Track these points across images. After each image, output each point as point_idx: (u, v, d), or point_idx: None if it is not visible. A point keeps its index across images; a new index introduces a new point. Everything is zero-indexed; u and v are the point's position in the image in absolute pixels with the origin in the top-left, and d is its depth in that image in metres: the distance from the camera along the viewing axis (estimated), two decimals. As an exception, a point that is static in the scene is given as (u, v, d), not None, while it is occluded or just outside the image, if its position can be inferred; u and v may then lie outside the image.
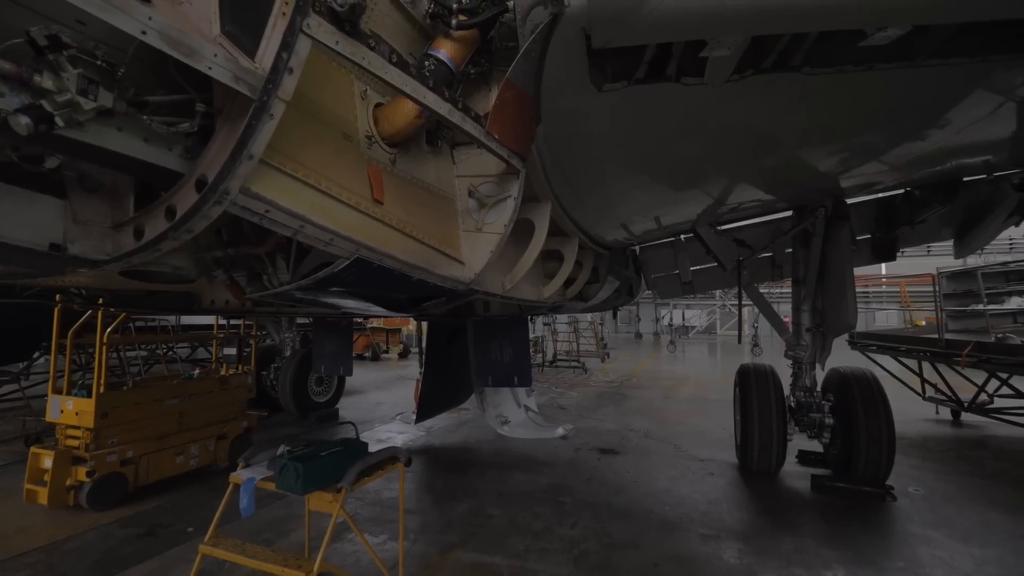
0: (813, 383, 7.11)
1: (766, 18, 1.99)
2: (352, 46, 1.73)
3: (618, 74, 2.78)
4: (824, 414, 6.70)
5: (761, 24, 2.04)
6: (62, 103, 1.29)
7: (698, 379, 16.31)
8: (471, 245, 3.17)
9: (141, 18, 1.24)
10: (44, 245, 1.66)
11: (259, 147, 1.59)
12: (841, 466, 6.73)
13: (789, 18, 2.01)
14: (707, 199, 5.29)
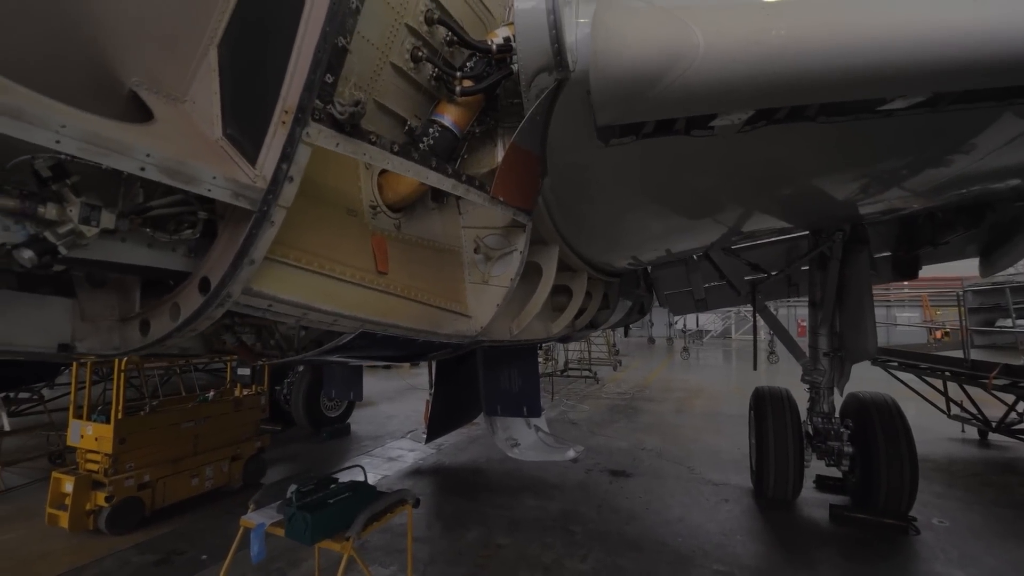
0: (831, 409, 6.96)
1: (776, 96, 1.92)
2: (353, 145, 1.72)
3: (626, 130, 2.74)
4: (843, 442, 6.55)
5: (771, 101, 1.98)
6: (64, 233, 1.30)
7: (712, 391, 16.10)
8: (477, 298, 3.15)
9: (140, 157, 1.25)
10: (53, 347, 1.69)
11: (260, 253, 1.58)
12: (861, 494, 6.57)
13: (800, 94, 1.94)
14: (720, 228, 5.20)
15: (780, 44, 1.73)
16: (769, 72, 1.77)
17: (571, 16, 2.36)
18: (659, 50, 1.76)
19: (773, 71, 1.76)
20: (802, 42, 1.72)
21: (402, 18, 2.31)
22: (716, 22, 1.78)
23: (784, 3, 1.82)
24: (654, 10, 1.81)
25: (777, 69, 1.76)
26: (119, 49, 1.60)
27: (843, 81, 1.79)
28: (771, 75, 1.78)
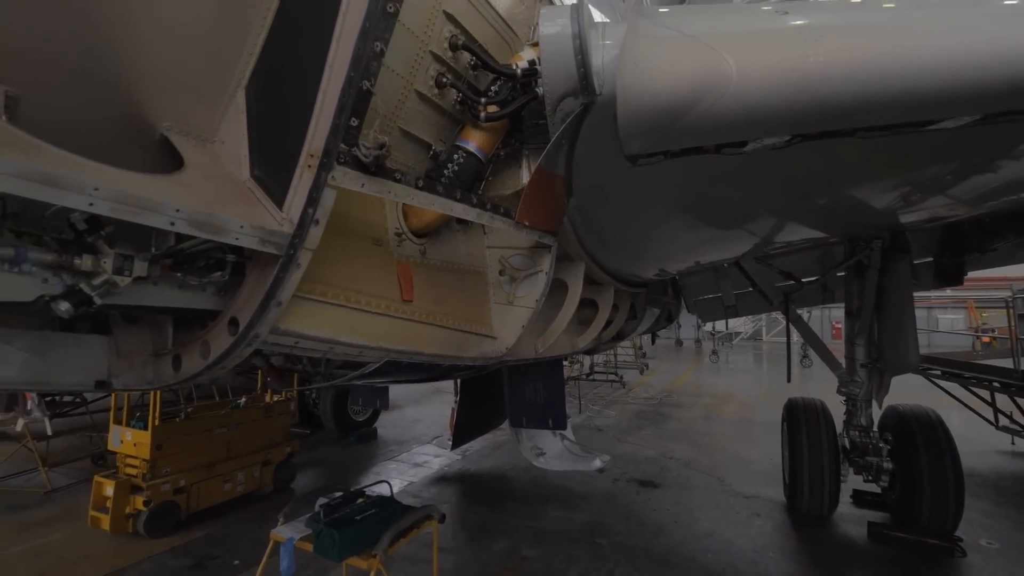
0: (869, 422, 6.69)
1: (816, 123, 1.83)
2: (378, 184, 1.71)
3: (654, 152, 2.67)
4: (882, 457, 6.28)
5: (809, 128, 1.89)
6: (99, 284, 1.33)
7: (742, 396, 15.71)
8: (502, 318, 3.12)
9: (169, 213, 1.27)
10: (91, 384, 1.74)
11: (287, 294, 1.59)
12: (902, 511, 6.29)
13: (843, 120, 1.84)
14: (751, 239, 5.05)
15: (819, 71, 1.65)
16: (808, 100, 1.68)
17: (597, 38, 2.31)
18: (689, 81, 1.70)
19: (812, 99, 1.68)
20: (844, 69, 1.64)
21: (427, 46, 2.30)
22: (749, 49, 1.71)
23: (821, 27, 1.73)
24: (683, 39, 1.75)
25: (817, 97, 1.68)
26: (151, 97, 1.64)
27: (891, 107, 1.70)
28: (810, 103, 1.69)
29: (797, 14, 1.78)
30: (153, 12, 1.58)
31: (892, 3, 2.04)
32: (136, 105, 1.63)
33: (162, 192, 1.30)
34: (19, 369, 1.50)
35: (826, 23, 1.75)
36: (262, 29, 1.79)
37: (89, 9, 1.47)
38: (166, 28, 1.63)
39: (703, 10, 2.02)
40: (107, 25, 1.52)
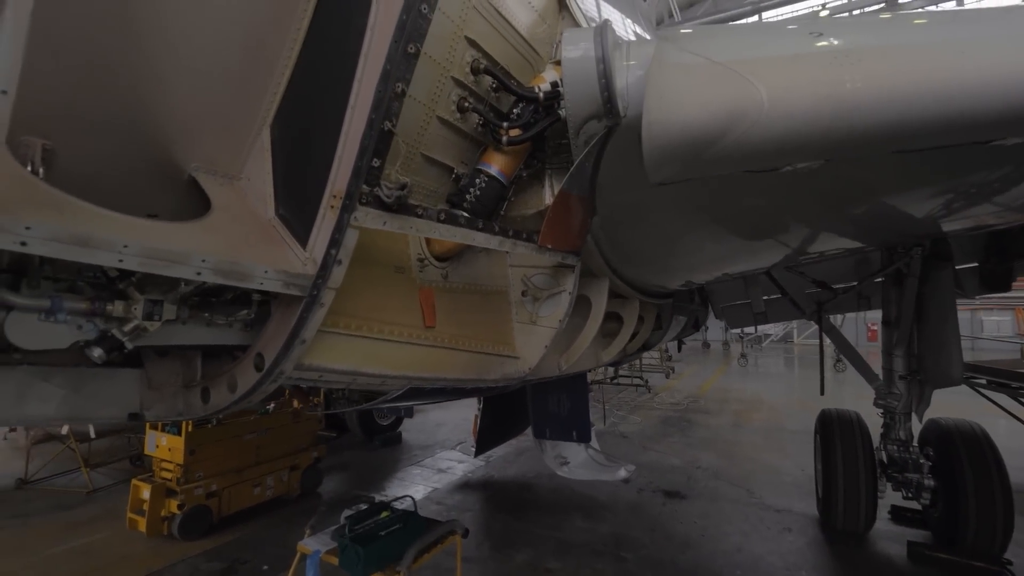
0: (908, 436, 6.41)
1: (854, 148, 1.75)
2: (400, 221, 1.71)
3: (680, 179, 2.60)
4: (923, 474, 6.00)
5: (848, 153, 1.80)
6: (130, 330, 1.36)
7: (772, 403, 15.28)
8: (525, 338, 3.10)
9: (195, 264, 1.30)
10: (124, 416, 1.79)
11: (311, 333, 1.61)
12: (945, 531, 6.00)
13: (883, 145, 1.75)
14: (783, 250, 4.89)
15: (858, 97, 1.57)
16: (846, 127, 1.60)
17: (621, 59, 2.26)
18: (717, 111, 1.64)
19: (851, 125, 1.60)
20: (887, 93, 1.55)
21: (448, 72, 2.29)
22: (780, 76, 1.64)
23: (858, 50, 1.64)
24: (710, 66, 1.69)
25: (857, 123, 1.59)
26: (179, 141, 1.68)
27: (942, 130, 1.60)
28: (849, 129, 1.61)
29: (832, 36, 1.70)
30: (181, 62, 1.62)
31: (926, 19, 1.93)
32: (165, 149, 1.67)
33: (188, 241, 1.32)
34: (57, 405, 1.56)
35: (864, 45, 1.66)
36: (286, 68, 1.81)
37: (120, 63, 1.51)
38: (193, 75, 1.67)
39: (731, 32, 1.95)
40: (137, 77, 1.56)
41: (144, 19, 1.51)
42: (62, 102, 1.43)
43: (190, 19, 1.59)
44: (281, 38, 1.80)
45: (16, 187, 1.15)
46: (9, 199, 1.10)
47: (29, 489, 7.89)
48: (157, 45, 1.56)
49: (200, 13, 1.60)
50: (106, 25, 1.44)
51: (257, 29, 1.75)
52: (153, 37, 1.55)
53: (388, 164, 1.64)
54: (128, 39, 1.50)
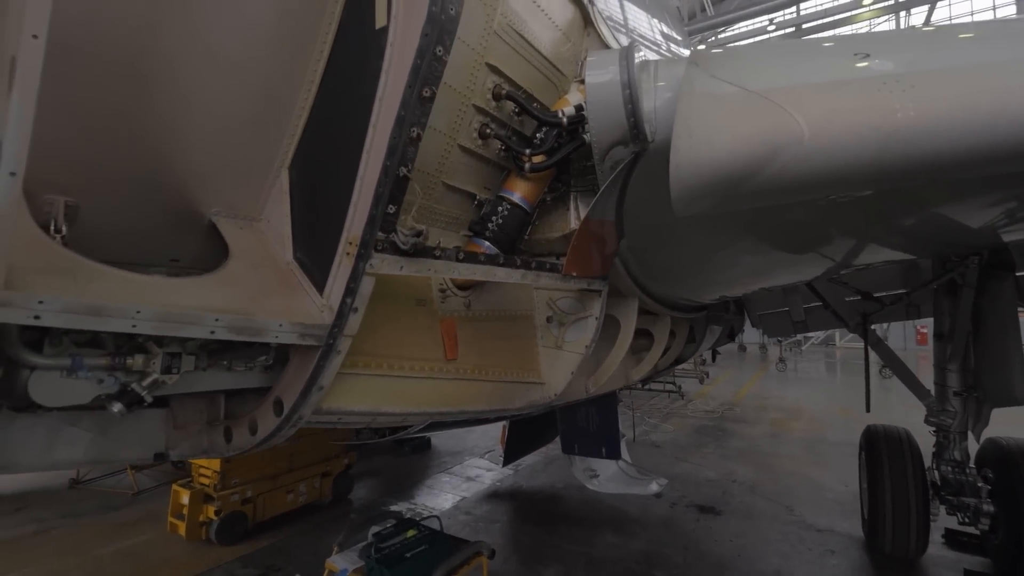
0: (964, 456, 6.00)
1: (907, 178, 1.59)
2: (417, 264, 1.67)
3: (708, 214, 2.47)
4: (981, 498, 5.60)
5: (899, 183, 1.65)
6: (148, 384, 1.37)
7: (813, 411, 14.65)
8: (550, 363, 3.02)
9: (209, 323, 1.29)
10: (150, 456, 1.82)
11: (328, 379, 1.59)
12: (1007, 559, 5.58)
13: (943, 173, 1.59)
14: (826, 263, 4.64)
15: (911, 127, 1.43)
16: (897, 159, 1.46)
17: (649, 81, 2.16)
18: (751, 148, 1.52)
19: (902, 158, 1.46)
20: (945, 122, 1.40)
21: (469, 100, 2.25)
22: (821, 105, 1.51)
23: (911, 75, 1.49)
24: (745, 96, 1.57)
25: (909, 155, 1.45)
26: (200, 189, 1.69)
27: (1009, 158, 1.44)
28: (900, 162, 1.47)
29: (881, 58, 1.56)
30: (198, 113, 1.63)
31: (973, 33, 1.75)
32: (186, 197, 1.69)
33: (203, 298, 1.32)
34: (85, 449, 1.59)
35: (917, 69, 1.51)
36: (303, 111, 1.80)
37: (138, 119, 1.53)
38: (211, 124, 1.68)
39: (766, 54, 1.82)
40: (155, 130, 1.58)
41: (160, 75, 1.52)
42: (83, 160, 1.46)
43: (206, 70, 1.60)
44: (298, 79, 1.79)
45: (33, 253, 1.17)
46: (26, 267, 1.12)
47: (81, 489, 8.29)
48: (174, 99, 1.58)
49: (215, 63, 1.61)
50: (122, 84, 1.47)
51: (274, 72, 1.74)
52: (169, 91, 1.56)
53: (404, 211, 1.60)
54: (145, 95, 1.52)
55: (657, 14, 6.62)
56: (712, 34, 32.31)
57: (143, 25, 1.45)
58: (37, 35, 0.86)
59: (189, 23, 1.52)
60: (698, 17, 29.78)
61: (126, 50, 1.45)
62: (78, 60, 1.35)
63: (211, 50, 1.59)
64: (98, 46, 1.38)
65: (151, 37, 1.47)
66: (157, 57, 1.51)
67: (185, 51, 1.55)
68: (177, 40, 1.52)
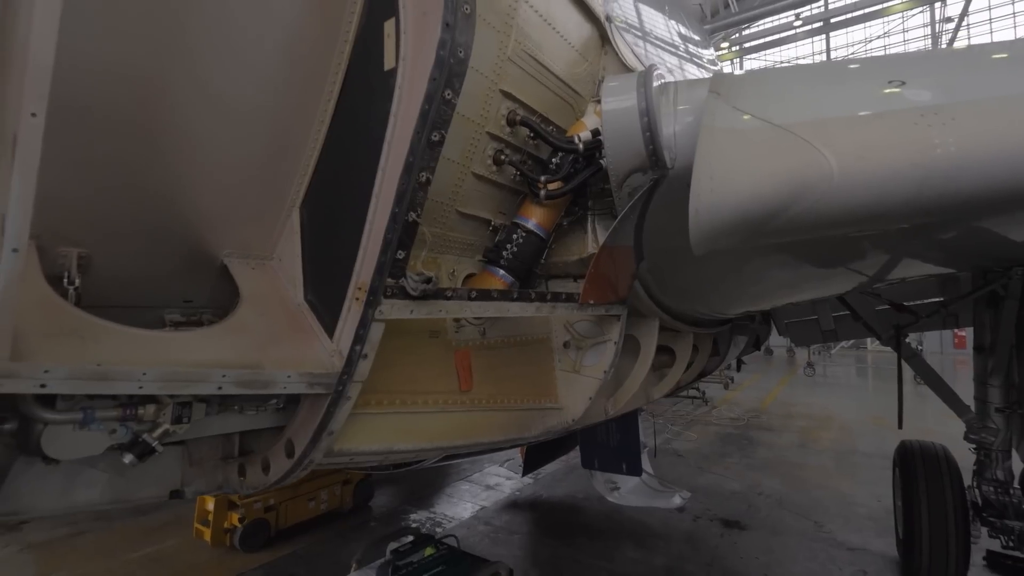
0: (1008, 476, 5.70)
1: (946, 214, 1.49)
2: (428, 307, 1.64)
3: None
4: (1027, 522, 5.32)
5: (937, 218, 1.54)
6: (159, 435, 1.37)
7: (843, 420, 14.19)
8: (568, 387, 2.96)
9: (216, 379, 1.28)
10: (165, 494, 1.83)
11: (338, 424, 1.57)
12: (1052, 586, 5.29)
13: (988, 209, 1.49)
14: (859, 278, 4.45)
15: (951, 163, 1.33)
16: (936, 196, 1.37)
17: (668, 105, 2.08)
18: (778, 188, 1.44)
19: (942, 195, 1.36)
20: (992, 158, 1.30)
21: (483, 128, 2.21)
22: (852, 141, 1.42)
23: (952, 106, 1.39)
24: (770, 131, 1.49)
25: (950, 192, 1.35)
26: (211, 233, 1.70)
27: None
28: (940, 199, 1.37)
29: (916, 87, 1.45)
30: (209, 159, 1.63)
31: (1007, 53, 1.63)
32: (198, 241, 1.69)
33: (211, 351, 1.32)
34: (102, 490, 1.61)
35: (957, 100, 1.41)
36: (314, 150, 1.79)
37: (148, 169, 1.54)
38: (222, 169, 1.68)
39: (794, 81, 1.73)
40: (168, 180, 1.59)
41: (169, 127, 1.53)
42: (96, 213, 1.48)
43: (215, 119, 1.60)
44: (308, 119, 1.78)
45: (42, 315, 1.19)
46: (34, 331, 1.13)
47: (114, 492, 8.54)
48: (184, 149, 1.58)
49: (224, 111, 1.61)
50: (132, 138, 1.47)
51: (284, 114, 1.74)
52: (179, 142, 1.57)
53: (415, 251, 1.58)
54: (155, 148, 1.53)
55: (675, 15, 6.47)
56: (736, 31, 31.66)
57: (150, 81, 1.45)
58: (36, 113, 0.86)
59: (196, 76, 1.52)
60: (721, 14, 29.20)
61: (134, 106, 1.46)
62: (87, 119, 1.36)
63: (219, 99, 1.59)
64: (106, 104, 1.40)
65: (159, 91, 1.48)
66: (166, 110, 1.52)
67: (193, 103, 1.55)
68: (185, 93, 1.52)
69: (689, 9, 8.66)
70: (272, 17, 1.58)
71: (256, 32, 1.57)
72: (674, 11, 6.61)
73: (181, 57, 1.47)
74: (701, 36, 8.46)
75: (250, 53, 1.59)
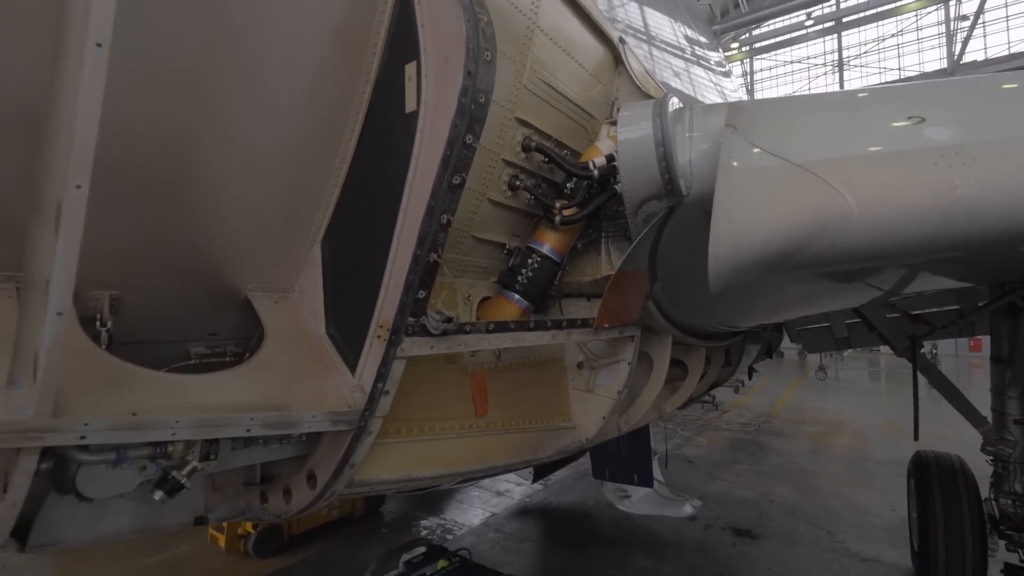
0: (1027, 489, 5.62)
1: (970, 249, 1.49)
2: (447, 342, 1.67)
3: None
4: (1046, 537, 5.24)
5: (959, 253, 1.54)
6: (188, 472, 1.40)
7: (856, 425, 14.02)
8: (582, 406, 2.97)
9: (244, 423, 1.31)
10: (190, 521, 1.87)
11: (360, 457, 1.60)
12: (1073, 602, 5.21)
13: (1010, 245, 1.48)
14: (875, 292, 4.42)
15: (973, 203, 1.32)
16: (957, 235, 1.36)
17: (683, 132, 2.09)
18: (796, 228, 1.44)
19: (963, 234, 1.36)
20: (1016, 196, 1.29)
21: (499, 155, 2.23)
22: (873, 181, 1.42)
23: (973, 146, 1.38)
24: (789, 171, 1.49)
25: (971, 231, 1.35)
26: (236, 268, 1.74)
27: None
28: (961, 237, 1.37)
29: (936, 124, 1.45)
30: (236, 203, 1.67)
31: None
32: (223, 279, 1.73)
33: (239, 394, 1.36)
34: (130, 519, 1.66)
35: (978, 139, 1.40)
36: (335, 186, 1.83)
37: (179, 216, 1.59)
38: (248, 211, 1.72)
39: (812, 114, 1.73)
40: (195, 224, 1.63)
41: (196, 174, 1.57)
42: (127, 257, 1.52)
43: (240, 163, 1.64)
44: (330, 156, 1.81)
45: (80, 365, 1.23)
46: (73, 382, 1.17)
47: (130, 496, 8.66)
48: (210, 194, 1.62)
49: (249, 156, 1.64)
50: (162, 187, 1.52)
51: (306, 154, 1.77)
52: (206, 188, 1.61)
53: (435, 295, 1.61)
54: (183, 194, 1.57)
55: (682, 17, 6.45)
56: (746, 30, 31.41)
57: (180, 138, 1.50)
58: (80, 185, 0.90)
59: (222, 129, 1.56)
60: (731, 14, 28.98)
61: (165, 161, 1.50)
62: (121, 175, 1.40)
63: (244, 147, 1.63)
64: (139, 161, 1.44)
65: (188, 147, 1.52)
66: (194, 162, 1.56)
67: (220, 153, 1.59)
68: (212, 145, 1.56)
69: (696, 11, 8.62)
70: (294, 62, 1.62)
71: (279, 80, 1.61)
72: (681, 15, 6.59)
73: (209, 114, 1.51)
74: (709, 38, 8.41)
75: (273, 101, 1.62)
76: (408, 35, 1.58)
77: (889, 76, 27.65)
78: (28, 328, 1.06)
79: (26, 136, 1.16)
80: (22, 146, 1.19)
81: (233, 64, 1.51)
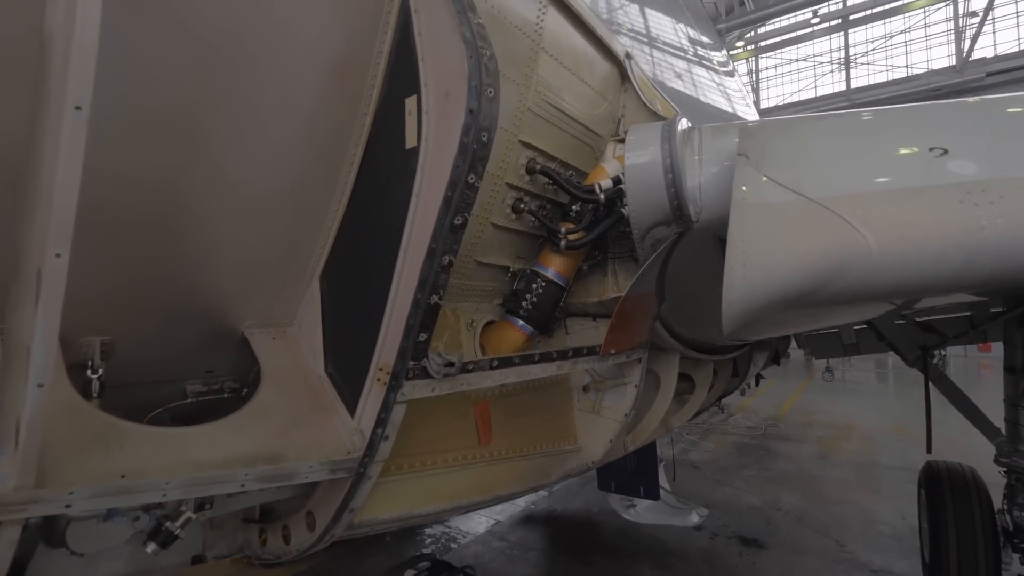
0: (1041, 502, 5.52)
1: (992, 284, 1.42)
2: (450, 383, 1.62)
3: None
4: (1061, 551, 5.15)
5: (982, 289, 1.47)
6: (182, 523, 1.36)
7: (864, 429, 13.88)
8: (587, 428, 2.92)
9: (239, 478, 1.27)
10: (188, 561, 1.84)
11: (360, 502, 1.56)
12: (1088, 617, 5.11)
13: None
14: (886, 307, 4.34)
15: (1001, 243, 1.26)
16: (982, 274, 1.30)
17: (692, 155, 2.03)
18: (812, 269, 1.38)
19: (990, 273, 1.29)
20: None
21: (503, 179, 2.17)
22: (893, 219, 1.35)
23: (1001, 182, 1.32)
24: (805, 207, 1.43)
25: (998, 271, 1.28)
26: (233, 307, 1.69)
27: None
28: (986, 276, 1.30)
29: (961, 158, 1.38)
30: (231, 244, 1.63)
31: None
32: (219, 318, 1.69)
33: (234, 445, 1.31)
34: (125, 562, 1.62)
35: (1005, 176, 1.33)
36: (334, 220, 1.78)
37: (173, 259, 1.55)
38: (243, 250, 1.68)
39: (829, 143, 1.66)
40: (189, 266, 1.59)
41: (190, 217, 1.53)
42: (118, 303, 1.49)
43: (235, 204, 1.60)
44: (328, 191, 1.77)
45: (66, 422, 1.19)
46: (58, 443, 1.13)
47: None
48: (205, 236, 1.58)
49: (244, 195, 1.60)
50: (154, 231, 1.48)
51: (304, 191, 1.73)
52: (200, 230, 1.57)
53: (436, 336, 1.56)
54: (176, 237, 1.53)
55: (684, 18, 6.37)
56: (751, 28, 31.16)
57: (173, 182, 1.46)
58: (60, 254, 0.85)
59: (217, 169, 1.52)
60: (736, 12, 28.75)
61: (157, 205, 1.46)
62: (111, 222, 1.37)
63: (239, 185, 1.59)
64: (130, 207, 1.40)
65: (181, 190, 1.48)
66: (187, 204, 1.52)
67: (214, 193, 1.55)
68: (206, 186, 1.52)
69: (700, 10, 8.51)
70: (291, 96, 1.57)
71: (275, 114, 1.57)
72: (684, 15, 6.50)
73: (202, 154, 1.47)
74: (713, 38, 8.31)
75: (269, 135, 1.58)
76: (408, 68, 1.54)
77: (897, 74, 27.37)
78: (9, 394, 1.02)
79: (7, 190, 1.12)
80: (3, 200, 1.15)
81: (227, 101, 1.46)
